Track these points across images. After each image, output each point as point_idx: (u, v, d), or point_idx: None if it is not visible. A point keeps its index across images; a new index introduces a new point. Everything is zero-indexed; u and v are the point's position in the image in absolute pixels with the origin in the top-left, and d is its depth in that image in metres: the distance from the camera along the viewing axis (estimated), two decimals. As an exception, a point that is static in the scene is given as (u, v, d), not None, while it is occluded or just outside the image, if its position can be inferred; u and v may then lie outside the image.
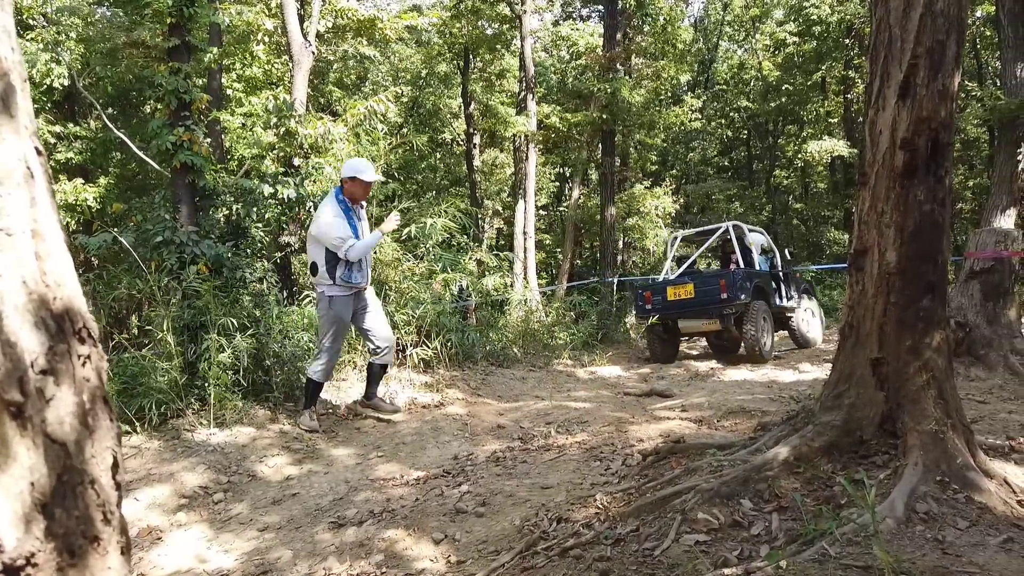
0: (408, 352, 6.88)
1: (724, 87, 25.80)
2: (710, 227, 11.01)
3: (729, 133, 26.17)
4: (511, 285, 12.38)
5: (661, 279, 10.24)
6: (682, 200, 22.42)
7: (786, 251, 11.13)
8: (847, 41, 17.90)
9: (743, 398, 5.60)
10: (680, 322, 9.57)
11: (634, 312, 10.82)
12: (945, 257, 2.65)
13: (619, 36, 13.84)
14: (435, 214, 8.28)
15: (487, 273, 10.61)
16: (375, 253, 7.35)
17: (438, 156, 22.70)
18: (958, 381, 5.07)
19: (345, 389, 6.22)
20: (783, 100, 21.09)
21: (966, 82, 20.02)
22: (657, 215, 17.78)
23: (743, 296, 8.67)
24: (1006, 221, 7.53)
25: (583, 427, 5.07)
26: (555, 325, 11.21)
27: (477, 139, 19.96)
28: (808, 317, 10.28)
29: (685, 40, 17.26)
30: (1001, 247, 5.09)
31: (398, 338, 6.89)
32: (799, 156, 20.36)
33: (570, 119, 12.96)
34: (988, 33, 17.57)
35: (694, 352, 11.49)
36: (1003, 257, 5.07)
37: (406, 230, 8.02)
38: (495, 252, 13.34)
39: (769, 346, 8.94)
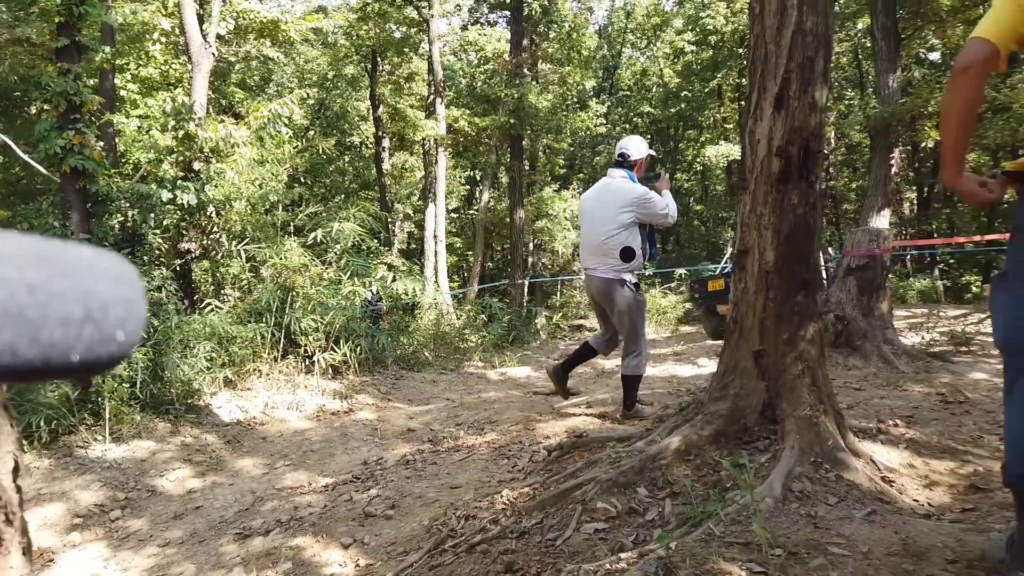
0: (316, 358, 6.79)
1: (628, 93, 26.56)
2: None
3: (633, 137, 26.97)
4: (422, 288, 12.37)
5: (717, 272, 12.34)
6: (590, 203, 22.89)
7: None
8: (740, 51, 18.81)
9: (644, 393, 5.81)
10: (718, 307, 11.01)
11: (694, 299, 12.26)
12: (816, 256, 2.88)
13: (525, 42, 14.07)
14: (344, 218, 8.19)
15: (398, 277, 10.58)
16: (283, 259, 7.22)
17: (346, 159, 22.37)
18: (838, 370, 5.47)
19: (251, 398, 6.08)
20: (683, 106, 21.93)
21: (847, 91, 21.39)
22: (565, 218, 18.15)
23: None
24: (881, 220, 8.11)
25: (492, 427, 5.16)
26: (466, 328, 11.29)
27: (386, 142, 19.80)
28: None
29: (590, 47, 17.70)
30: (874, 245, 5.52)
31: (305, 345, 6.79)
32: (698, 160, 21.21)
33: (479, 123, 13.08)
34: (868, 44, 18.85)
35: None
36: (876, 255, 5.50)
37: (312, 235, 7.89)
38: (405, 257, 13.31)
39: None
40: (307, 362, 6.80)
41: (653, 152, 4.81)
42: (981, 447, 3.12)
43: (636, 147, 4.69)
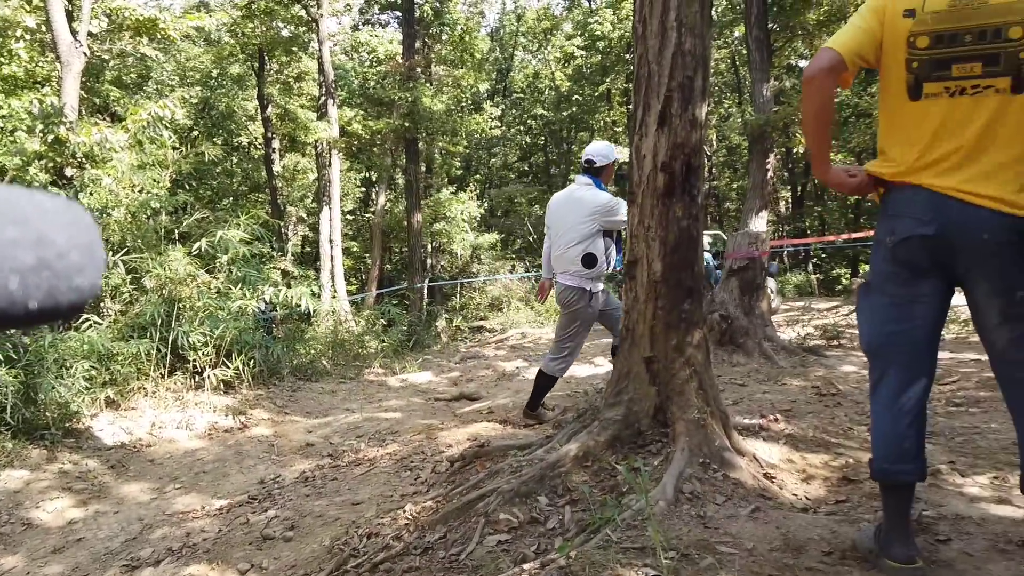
0: (206, 374, 6.51)
1: (521, 95, 26.89)
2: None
3: (527, 139, 27.33)
4: (318, 295, 12.07)
5: None
6: (487, 204, 23.09)
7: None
8: (627, 56, 19.43)
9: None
10: None
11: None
12: (700, 265, 3.03)
13: (418, 44, 13.99)
14: (233, 224, 7.87)
15: (292, 284, 10.28)
16: (168, 269, 6.87)
17: (234, 161, 21.50)
18: (724, 367, 5.77)
19: (136, 418, 5.77)
20: (574, 110, 22.41)
21: (727, 96, 22.50)
22: (463, 219, 18.19)
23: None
24: (760, 221, 8.60)
25: (394, 437, 5.13)
26: (365, 334, 11.12)
27: (276, 143, 19.20)
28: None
29: (482, 50, 17.80)
30: (753, 248, 5.87)
31: (194, 360, 6.51)
32: (591, 162, 21.74)
33: (373, 126, 12.90)
34: (745, 52, 19.91)
35: (502, 352, 11.90)
36: (755, 256, 5.84)
37: (196, 244, 7.54)
38: (300, 262, 12.95)
39: None
40: (197, 378, 6.51)
41: (621, 156, 4.77)
42: (851, 439, 3.38)
43: (602, 153, 4.69)
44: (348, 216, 21.56)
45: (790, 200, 22.51)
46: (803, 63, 19.09)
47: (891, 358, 1.91)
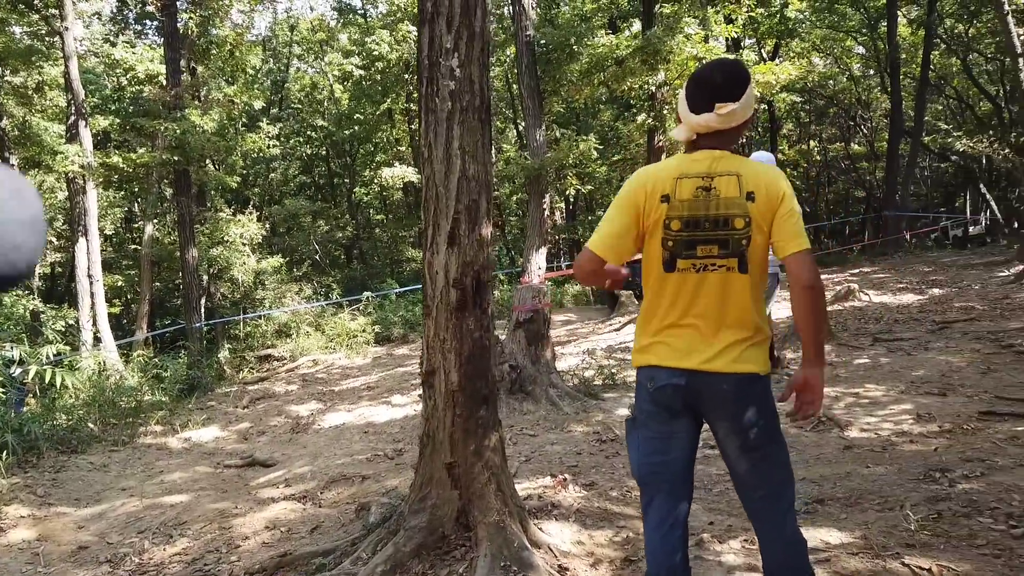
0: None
1: (299, 106, 26.00)
2: None
3: (309, 151, 26.49)
4: (77, 344, 10.85)
5: None
6: (268, 223, 22.07)
7: None
8: (407, 76, 19.60)
9: (342, 461, 5.90)
10: None
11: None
12: (493, 373, 3.25)
13: (183, 63, 13.03)
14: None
15: (43, 327, 9.16)
16: None
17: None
18: (515, 416, 6.13)
19: None
20: (356, 128, 22.14)
21: (509, 137, 23.53)
22: (243, 243, 17.27)
23: None
24: (540, 256, 9.17)
25: (183, 529, 4.82)
26: (137, 386, 10.20)
27: (15, 159, 16.87)
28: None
29: (255, 65, 16.98)
30: (536, 301, 6.30)
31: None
32: (375, 180, 21.66)
33: (135, 159, 11.76)
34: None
35: (294, 387, 11.51)
36: (539, 308, 6.27)
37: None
38: (50, 300, 11.53)
39: None
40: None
41: None
42: (629, 503, 3.80)
43: (768, 159, 5.39)
44: (109, 246, 19.50)
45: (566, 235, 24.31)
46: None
47: (657, 486, 2.22)
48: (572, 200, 24.92)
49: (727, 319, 2.09)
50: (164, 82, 12.54)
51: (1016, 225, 23.36)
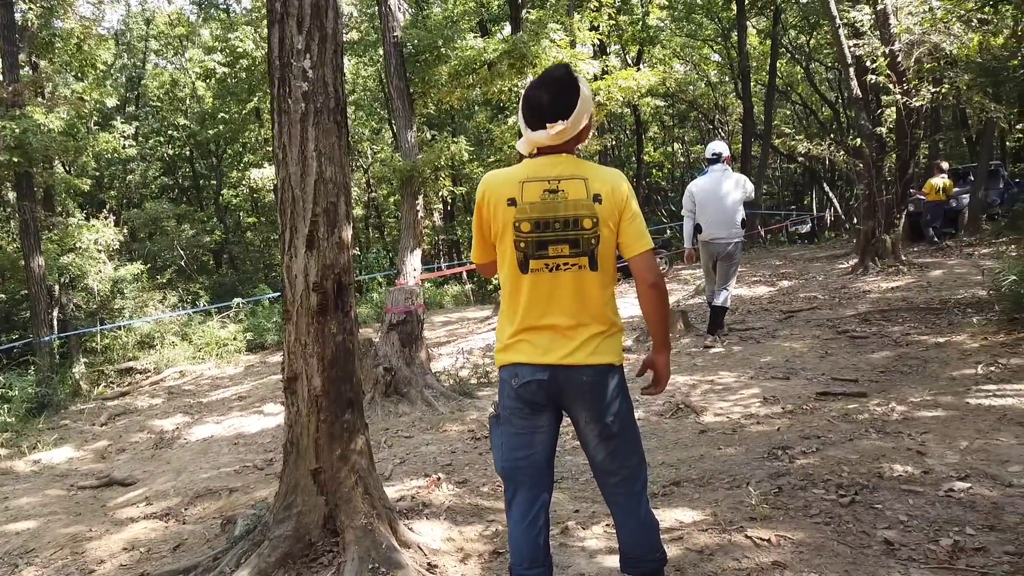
0: None
1: (159, 104, 24.54)
2: None
3: (171, 151, 25.05)
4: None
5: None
6: (126, 228, 20.69)
7: None
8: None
9: (208, 475, 5.67)
10: None
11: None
12: (358, 376, 3.24)
13: (23, 56, 11.99)
14: None
15: None
16: None
17: None
18: (391, 419, 6.11)
19: None
20: (221, 128, 21.17)
21: (384, 138, 23.22)
22: (98, 249, 16.14)
23: None
24: (415, 258, 9.15)
25: (30, 558, 4.47)
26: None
27: None
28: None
29: (106, 60, 15.87)
30: (409, 302, 6.29)
31: None
32: (243, 182, 20.80)
33: (-36, 160, 10.68)
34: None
35: (158, 401, 10.87)
36: (412, 310, 6.27)
37: None
38: None
39: None
40: None
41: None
42: (500, 498, 3.88)
43: (723, 147, 7.19)
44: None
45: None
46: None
47: (519, 480, 2.31)
48: (450, 202, 25.02)
49: (582, 315, 2.20)
50: (0, 78, 11.48)
51: (855, 221, 25.60)
